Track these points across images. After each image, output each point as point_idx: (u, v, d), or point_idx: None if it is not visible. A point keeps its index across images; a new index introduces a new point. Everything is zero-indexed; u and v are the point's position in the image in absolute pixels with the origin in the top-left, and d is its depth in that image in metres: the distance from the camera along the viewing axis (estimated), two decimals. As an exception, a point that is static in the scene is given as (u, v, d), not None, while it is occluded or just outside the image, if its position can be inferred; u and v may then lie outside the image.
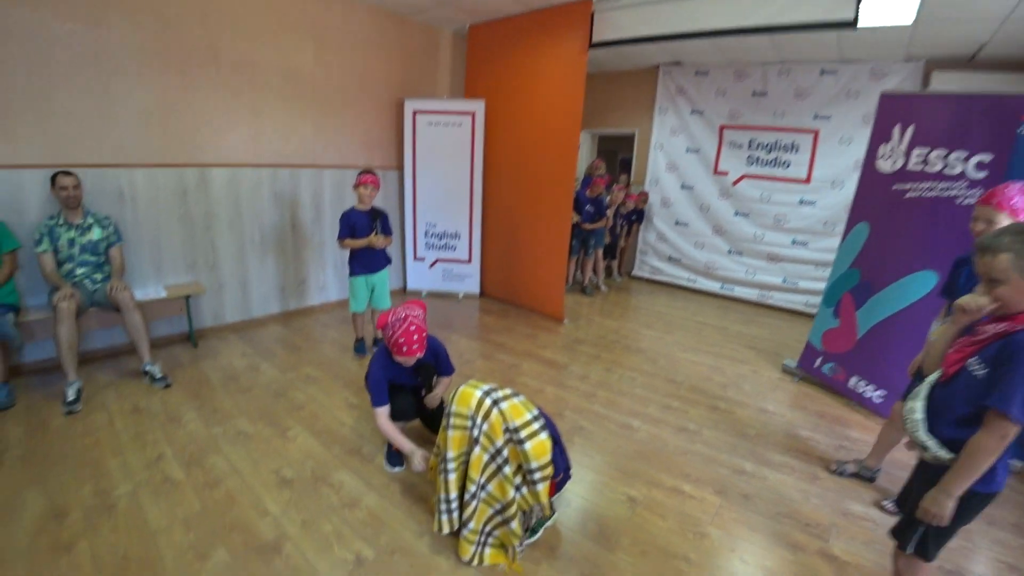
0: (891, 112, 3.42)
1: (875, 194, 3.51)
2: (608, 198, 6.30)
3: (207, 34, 4.15)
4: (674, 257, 6.92)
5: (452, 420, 2.14)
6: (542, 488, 2.08)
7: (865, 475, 2.76)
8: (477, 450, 2.07)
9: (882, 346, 3.43)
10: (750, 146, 6.23)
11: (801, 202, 5.95)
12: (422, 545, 2.19)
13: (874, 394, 3.49)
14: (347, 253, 3.99)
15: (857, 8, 3.54)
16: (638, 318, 5.48)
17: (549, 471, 2.07)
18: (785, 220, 6.06)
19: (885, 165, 3.43)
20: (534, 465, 2.04)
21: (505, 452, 2.05)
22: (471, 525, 2.10)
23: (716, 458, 2.88)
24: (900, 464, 2.86)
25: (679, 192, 6.82)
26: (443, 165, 5.58)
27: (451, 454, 2.13)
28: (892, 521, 1.82)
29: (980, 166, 2.95)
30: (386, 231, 3.95)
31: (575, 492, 2.55)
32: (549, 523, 2.30)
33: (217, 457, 2.78)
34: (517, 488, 2.08)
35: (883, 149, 3.44)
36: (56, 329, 3.26)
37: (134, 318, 3.56)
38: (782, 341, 4.94)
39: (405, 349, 2.43)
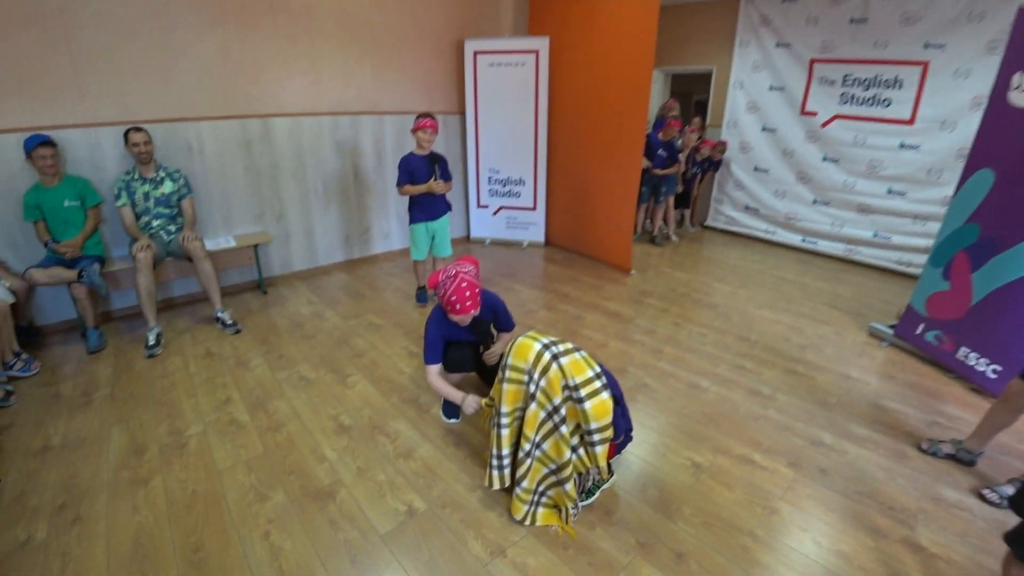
0: None
1: (1005, 135, 2.96)
2: (680, 142, 5.86)
3: None
4: (751, 207, 6.43)
5: (508, 373, 2.02)
6: (600, 450, 1.96)
7: (963, 458, 2.42)
8: (533, 407, 1.95)
9: (1002, 314, 2.96)
10: (844, 82, 5.56)
11: (902, 146, 5.29)
12: (473, 500, 2.15)
13: (987, 368, 3.05)
14: (407, 200, 3.92)
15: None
16: (710, 271, 5.17)
17: (609, 433, 1.94)
18: (881, 166, 5.44)
19: (1021, 99, 2.88)
20: (593, 426, 1.91)
21: (563, 410, 1.93)
22: (524, 484, 2.03)
23: (791, 426, 2.65)
24: (1008, 450, 2.54)
25: (759, 135, 6.25)
26: (506, 108, 5.35)
27: (505, 408, 2.03)
28: (992, 513, 1.58)
29: None
30: (446, 176, 3.82)
31: (636, 454, 2.43)
32: (607, 486, 2.20)
33: (280, 402, 2.85)
34: (574, 449, 1.97)
35: (1019, 79, 2.89)
36: (136, 278, 3.44)
37: (205, 267, 3.69)
38: (869, 302, 4.50)
39: (458, 307, 2.34)
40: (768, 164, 6.23)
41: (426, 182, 3.70)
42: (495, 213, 5.79)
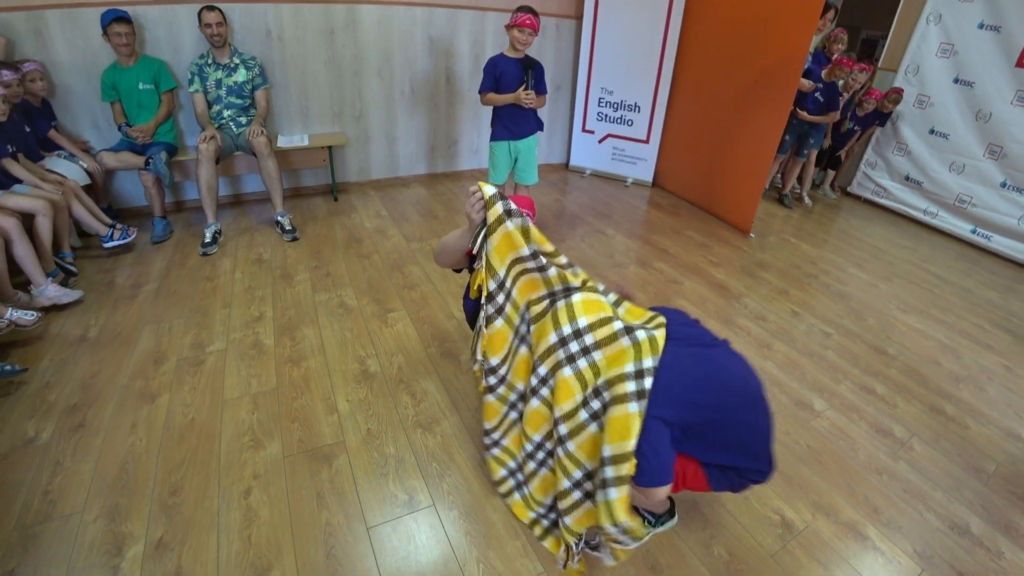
0: None
1: None
2: (841, 83, 4.70)
3: None
4: (914, 178, 5.16)
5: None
6: (616, 496, 1.25)
7: None
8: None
9: None
10: (1095, 27, 4.12)
11: None
12: (488, 508, 1.74)
13: None
14: (491, 111, 3.34)
15: None
16: (847, 251, 4.20)
17: (627, 469, 1.24)
18: (1118, 149, 4.08)
19: None
20: (605, 452, 1.28)
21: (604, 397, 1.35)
22: (530, 487, 1.63)
23: (927, 495, 1.96)
24: None
25: (948, 88, 4.89)
26: (632, 18, 4.47)
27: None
28: None
29: None
30: (540, 88, 3.18)
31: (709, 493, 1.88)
32: (663, 528, 1.69)
33: (310, 329, 2.57)
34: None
35: None
36: (197, 171, 3.32)
37: (268, 165, 3.45)
38: (1056, 327, 3.47)
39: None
40: (950, 128, 4.90)
41: (515, 91, 3.09)
42: (601, 141, 5.06)
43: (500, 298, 1.57)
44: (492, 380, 1.64)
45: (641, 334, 1.35)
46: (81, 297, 2.70)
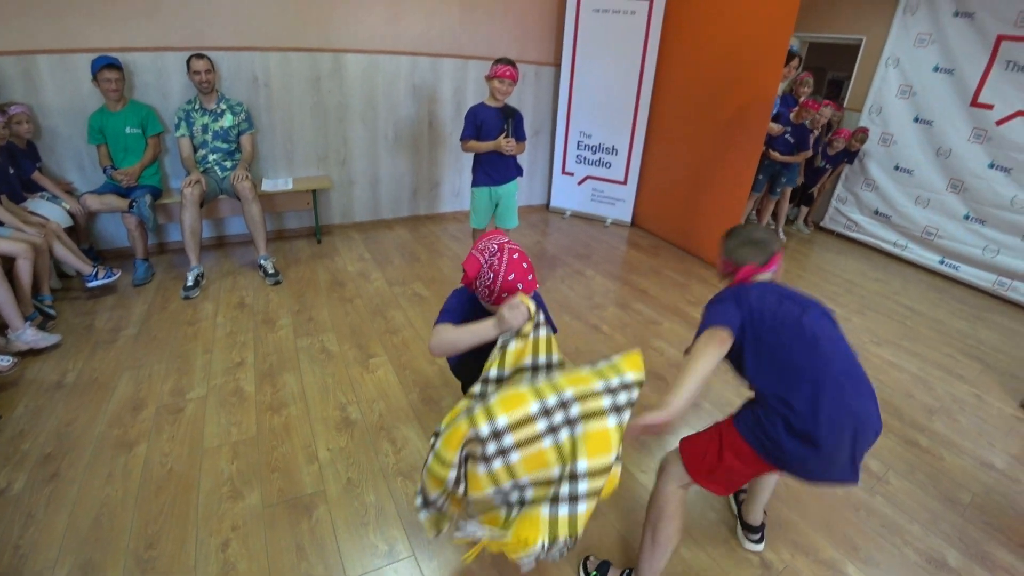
0: None
1: None
2: (808, 122, 4.88)
3: None
4: (883, 212, 5.36)
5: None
6: (583, 511, 1.24)
7: None
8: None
9: None
10: (1042, 70, 4.38)
11: (1108, 161, 4.13)
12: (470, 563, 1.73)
13: None
14: (472, 157, 3.43)
15: None
16: (821, 285, 4.33)
17: (600, 483, 1.25)
18: (1070, 183, 4.30)
19: None
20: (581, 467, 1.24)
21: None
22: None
23: (904, 529, 2.00)
24: None
25: (911, 127, 5.13)
26: (608, 64, 4.67)
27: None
28: None
29: None
30: (519, 136, 3.28)
31: (691, 535, 1.89)
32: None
33: (292, 375, 2.57)
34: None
35: None
36: (181, 214, 3.33)
37: (252, 209, 3.48)
38: (1023, 357, 3.58)
39: (521, 287, 1.61)
40: (914, 164, 5.12)
41: (495, 138, 3.18)
42: (580, 183, 5.19)
43: (490, 388, 1.48)
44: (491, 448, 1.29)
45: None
46: (59, 341, 2.69)
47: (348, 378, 2.58)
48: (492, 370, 1.46)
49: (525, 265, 1.63)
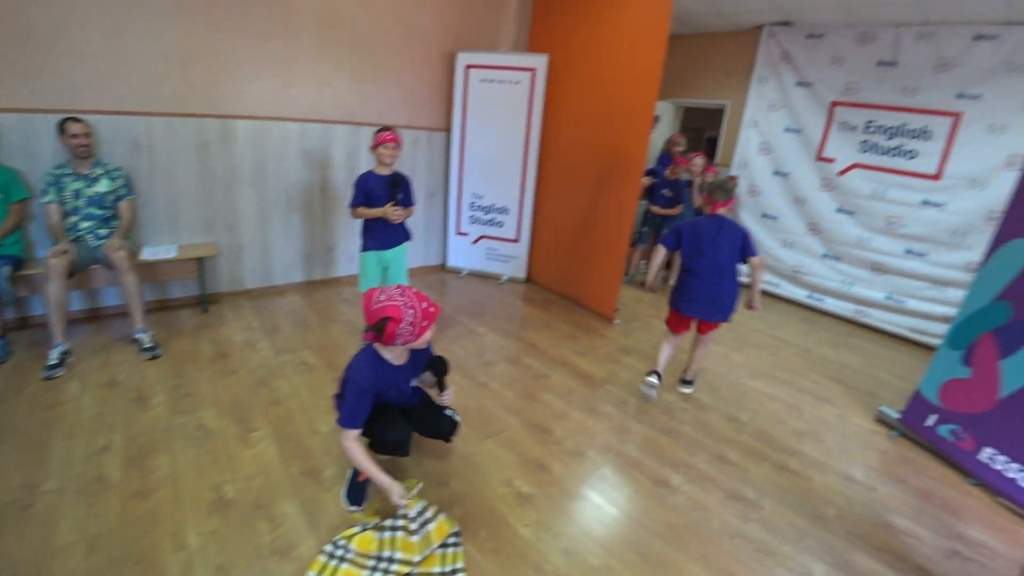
0: None
1: None
2: (684, 176, 5.36)
3: None
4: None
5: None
6: None
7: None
8: None
9: None
10: (866, 129, 5.11)
11: (925, 203, 4.82)
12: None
13: (1019, 475, 2.57)
14: (362, 223, 3.45)
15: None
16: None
17: None
18: (900, 223, 4.96)
19: None
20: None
21: None
22: None
23: (776, 550, 2.13)
24: None
25: (770, 179, 5.78)
26: (496, 129, 4.91)
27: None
28: None
29: None
30: (407, 201, 3.36)
31: None
32: None
33: (164, 457, 2.38)
34: None
35: None
36: (45, 287, 3.05)
37: (128, 280, 3.28)
38: (879, 376, 3.99)
39: (426, 324, 1.94)
40: (777, 211, 5.75)
41: (384, 205, 3.24)
42: (475, 242, 5.32)
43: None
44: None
45: None
46: None
47: (226, 455, 2.43)
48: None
49: (426, 304, 1.93)
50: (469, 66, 4.80)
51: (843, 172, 5.26)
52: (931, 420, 3.00)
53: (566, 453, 2.60)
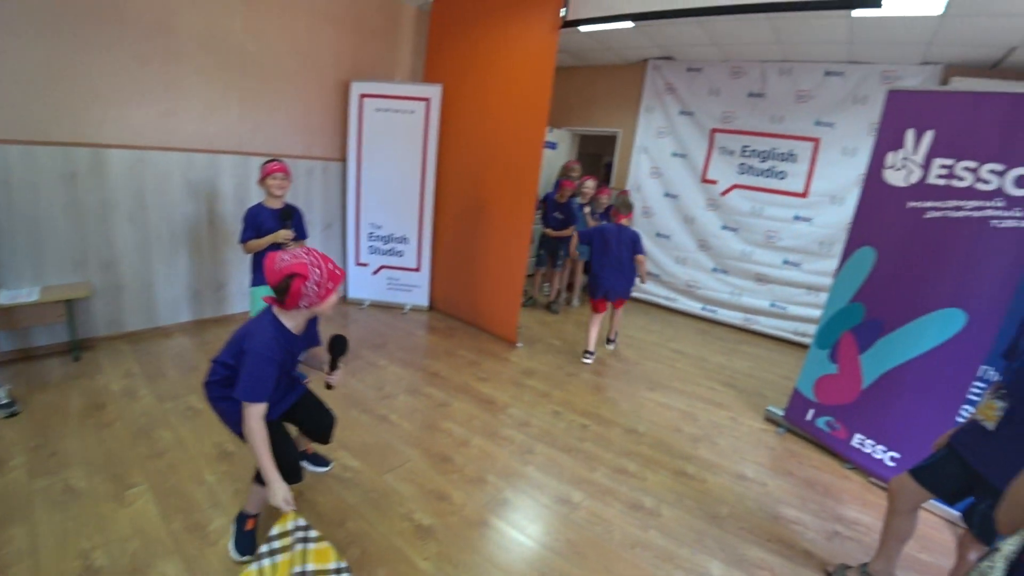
0: (902, 114, 2.82)
1: (883, 213, 2.90)
2: (577, 199, 5.56)
3: None
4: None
5: None
6: None
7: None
8: None
9: (895, 399, 2.83)
10: (743, 153, 5.60)
11: (796, 218, 5.34)
12: None
13: (885, 456, 2.87)
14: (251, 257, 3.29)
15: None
16: (604, 344, 4.81)
17: None
18: (777, 237, 5.44)
19: (897, 177, 2.82)
20: None
21: None
22: None
23: (675, 555, 2.21)
24: (924, 569, 2.23)
25: (662, 201, 6.16)
26: (392, 158, 4.87)
27: None
28: None
29: (1022, 181, 2.38)
30: (300, 234, 3.26)
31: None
32: None
33: (21, 528, 2.10)
34: None
35: (892, 158, 2.84)
36: None
37: (-27, 329, 2.91)
38: (767, 378, 4.30)
39: (339, 277, 1.84)
40: (670, 230, 6.12)
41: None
42: (375, 273, 5.21)
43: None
44: None
45: None
46: None
47: (97, 517, 2.19)
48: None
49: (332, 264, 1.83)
50: (363, 95, 4.77)
51: (725, 192, 5.70)
52: (810, 414, 3.27)
53: (467, 481, 2.57)
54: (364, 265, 5.17)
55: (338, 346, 2.04)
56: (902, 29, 4.11)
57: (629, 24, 4.30)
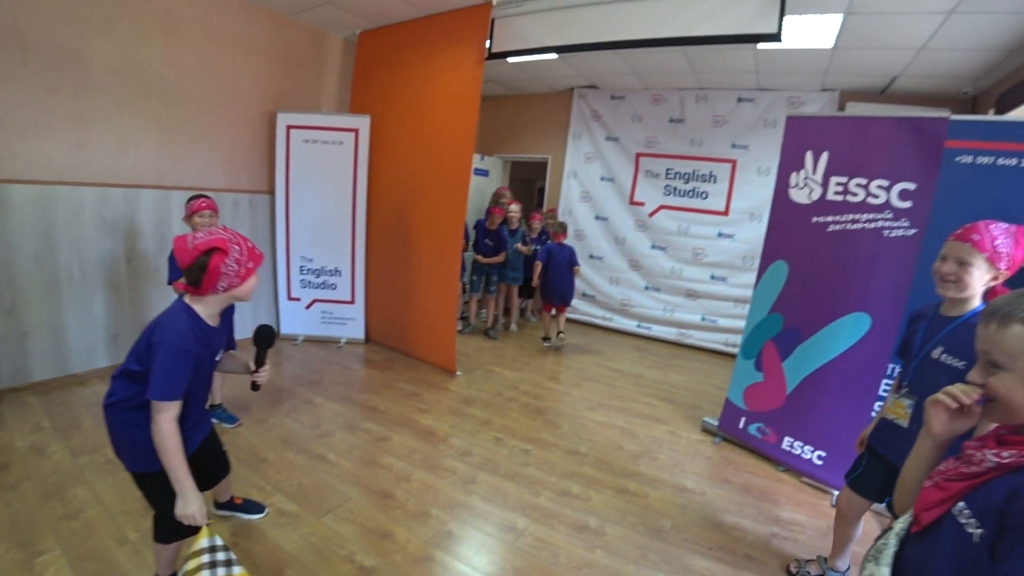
0: (801, 137, 3.10)
1: (792, 228, 3.15)
2: (523, 229, 5.68)
3: (7, 12, 3.25)
4: (588, 294, 6.41)
5: None
6: None
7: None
8: None
9: (817, 401, 3.02)
10: (667, 175, 5.88)
11: (720, 235, 5.64)
12: None
13: (813, 455, 3.04)
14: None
15: (780, 22, 3.19)
16: (543, 367, 4.84)
17: None
18: (703, 254, 5.72)
19: (801, 195, 3.08)
20: None
21: None
22: None
23: (620, 572, 2.22)
24: (856, 558, 2.35)
25: (593, 223, 6.36)
26: (321, 190, 4.79)
27: None
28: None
29: (904, 195, 2.66)
30: None
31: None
32: None
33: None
34: None
35: (795, 178, 3.11)
36: None
37: None
38: (702, 390, 4.47)
39: (258, 257, 1.78)
40: (602, 252, 6.31)
41: None
42: (308, 307, 5.05)
43: None
44: None
45: None
46: None
47: (-1, 591, 1.99)
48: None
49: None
50: (290, 126, 4.68)
51: (652, 213, 5.95)
52: (742, 422, 3.42)
53: (410, 516, 2.51)
54: (296, 300, 5.01)
55: (265, 338, 1.93)
56: (801, 60, 4.50)
57: (552, 56, 4.47)
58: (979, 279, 1.65)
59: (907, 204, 2.64)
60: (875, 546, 1.08)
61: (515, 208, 5.65)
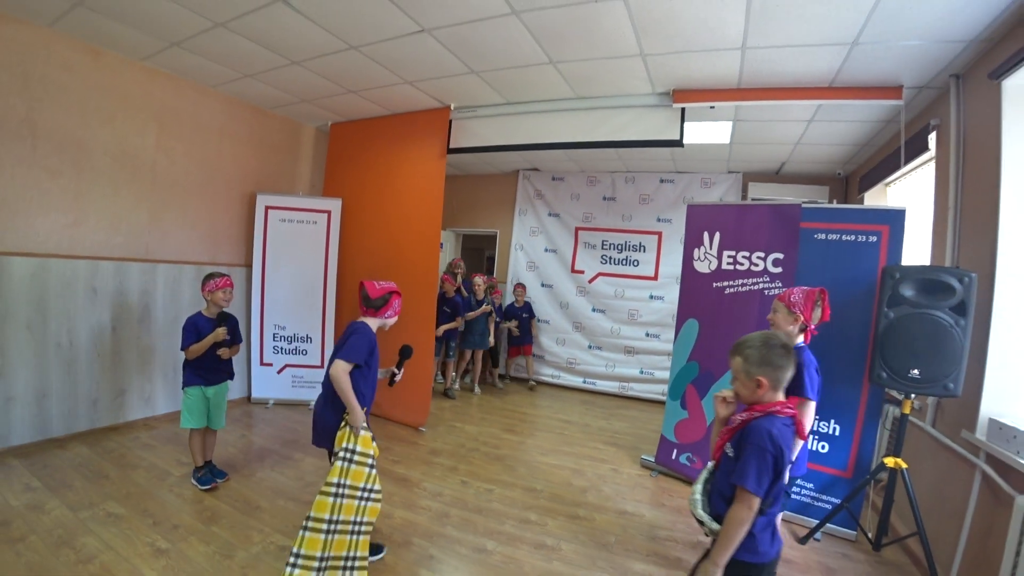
0: (698, 220, 3.97)
1: (699, 293, 3.92)
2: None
3: (24, 104, 3.71)
4: (538, 354, 7.02)
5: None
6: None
7: None
8: None
9: None
10: (603, 246, 6.69)
11: (651, 297, 6.42)
12: None
13: None
14: (179, 361, 3.50)
15: (681, 131, 4.04)
16: (500, 421, 5.32)
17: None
18: (638, 314, 6.47)
19: (703, 266, 3.89)
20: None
21: None
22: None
23: (574, 576, 2.73)
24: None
25: (540, 290, 7.06)
26: (295, 264, 5.28)
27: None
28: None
29: (776, 262, 3.49)
30: (235, 337, 3.57)
31: None
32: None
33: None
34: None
35: (697, 252, 3.93)
36: None
37: None
38: (641, 434, 5.07)
39: (399, 309, 2.95)
40: (549, 316, 6.99)
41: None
42: (280, 371, 5.39)
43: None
44: None
45: None
46: None
47: (34, 623, 2.23)
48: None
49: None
50: (269, 207, 5.20)
51: (592, 280, 6.72)
52: (674, 453, 4.03)
53: (396, 545, 2.91)
54: (268, 365, 5.33)
55: (406, 351, 3.00)
56: (707, 151, 5.46)
57: (506, 151, 5.24)
58: (784, 321, 2.51)
59: (779, 269, 3.47)
60: (698, 478, 1.80)
61: (479, 280, 6.16)
